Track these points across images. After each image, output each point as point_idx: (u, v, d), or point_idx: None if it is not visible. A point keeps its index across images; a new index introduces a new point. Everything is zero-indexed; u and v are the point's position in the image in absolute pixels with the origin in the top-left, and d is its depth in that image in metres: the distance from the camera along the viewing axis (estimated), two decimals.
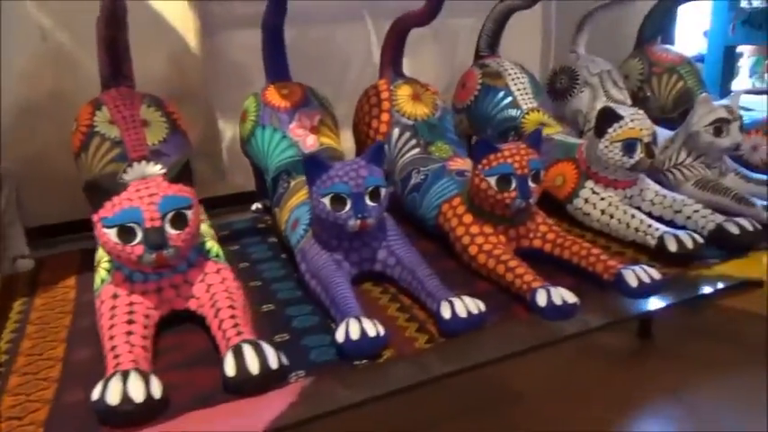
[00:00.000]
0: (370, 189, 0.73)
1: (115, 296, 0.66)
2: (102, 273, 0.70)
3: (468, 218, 0.84)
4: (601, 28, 1.36)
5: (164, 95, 1.00)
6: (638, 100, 1.32)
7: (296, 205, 0.86)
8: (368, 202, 0.73)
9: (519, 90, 1.15)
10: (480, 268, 0.80)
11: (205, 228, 0.78)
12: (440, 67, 1.48)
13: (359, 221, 0.72)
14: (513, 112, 1.14)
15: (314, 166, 0.74)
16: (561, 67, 1.31)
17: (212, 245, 0.75)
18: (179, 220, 0.64)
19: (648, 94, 1.33)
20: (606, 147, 0.91)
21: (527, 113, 1.13)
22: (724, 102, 1.02)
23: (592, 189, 0.95)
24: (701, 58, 1.73)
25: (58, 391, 0.61)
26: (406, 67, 1.14)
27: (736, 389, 1.15)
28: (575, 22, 1.36)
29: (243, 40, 1.21)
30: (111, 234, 0.62)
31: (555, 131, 1.09)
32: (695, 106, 1.03)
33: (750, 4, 2.09)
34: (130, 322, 0.63)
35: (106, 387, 0.54)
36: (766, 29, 1.60)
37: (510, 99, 1.15)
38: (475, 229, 0.83)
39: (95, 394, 0.54)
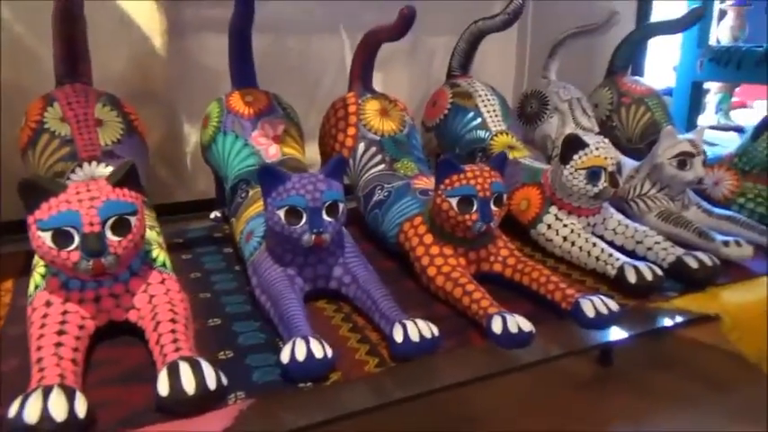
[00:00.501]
0: (327, 204, 0.70)
1: (48, 304, 0.62)
2: (36, 278, 0.65)
3: (428, 238, 0.82)
4: (573, 55, 1.37)
5: (124, 95, 0.97)
6: (607, 129, 1.33)
7: (251, 216, 0.83)
8: (325, 217, 0.70)
9: (489, 112, 1.15)
10: (438, 290, 0.78)
11: (153, 235, 0.75)
12: (414, 84, 1.48)
13: (314, 237, 0.69)
14: (482, 134, 1.13)
15: (270, 176, 0.71)
16: (532, 92, 1.31)
17: (159, 253, 0.71)
18: (121, 227, 0.60)
19: (615, 123, 1.34)
20: (571, 174, 0.90)
21: (495, 136, 1.12)
22: (689, 136, 1.03)
23: (555, 215, 0.94)
24: (669, 92, 1.77)
25: None
26: (380, 82, 1.13)
27: (694, 421, 1.15)
28: (549, 46, 1.37)
29: (212, 43, 1.19)
30: (46, 238, 0.58)
31: (522, 155, 1.09)
32: (660, 138, 1.03)
33: (718, 42, 2.16)
34: (61, 333, 0.59)
35: (25, 403, 0.50)
36: (732, 67, 1.64)
37: (479, 120, 1.14)
38: (434, 250, 0.81)
39: (12, 411, 0.49)
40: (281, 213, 0.70)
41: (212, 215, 1.12)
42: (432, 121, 1.20)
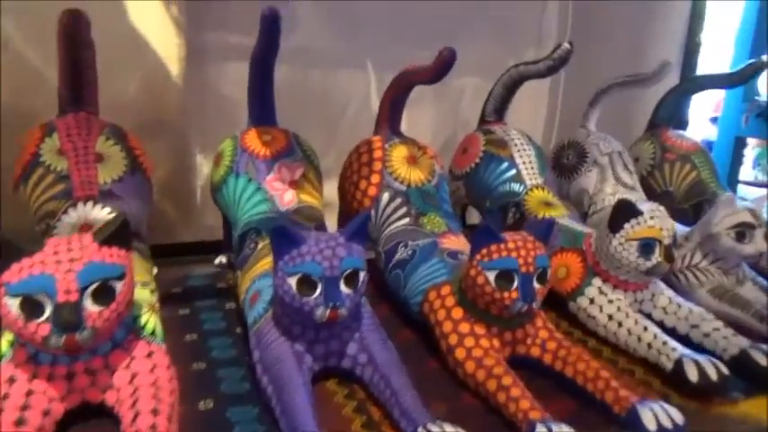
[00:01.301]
0: (346, 272, 0.61)
1: (11, 380, 0.53)
2: (3, 345, 0.56)
3: (457, 312, 0.72)
4: (608, 105, 1.28)
5: (135, 124, 0.89)
6: (647, 187, 1.23)
7: (259, 274, 0.73)
8: (342, 288, 0.61)
9: (524, 163, 1.05)
10: (467, 378, 0.67)
11: (145, 295, 0.65)
12: (438, 128, 1.40)
13: (329, 311, 0.60)
14: (516, 187, 1.03)
15: (282, 238, 0.62)
16: (569, 142, 1.21)
17: (149, 318, 0.62)
18: (103, 294, 0.51)
19: (667, 189, 1.23)
20: (620, 244, 0.80)
21: (530, 190, 1.03)
22: (748, 204, 0.92)
23: (599, 288, 0.84)
24: (707, 145, 1.67)
25: None
26: (402, 125, 1.04)
27: None
28: (583, 96, 1.28)
29: (232, 72, 1.12)
30: (13, 305, 0.49)
31: (560, 214, 0.98)
32: (717, 206, 0.93)
33: (758, 96, 2.06)
34: (20, 422, 0.49)
35: None
36: None
37: (513, 172, 1.04)
38: (464, 328, 0.70)
39: None
40: (293, 282, 0.60)
41: (217, 261, 1.03)
42: (461, 170, 1.11)
